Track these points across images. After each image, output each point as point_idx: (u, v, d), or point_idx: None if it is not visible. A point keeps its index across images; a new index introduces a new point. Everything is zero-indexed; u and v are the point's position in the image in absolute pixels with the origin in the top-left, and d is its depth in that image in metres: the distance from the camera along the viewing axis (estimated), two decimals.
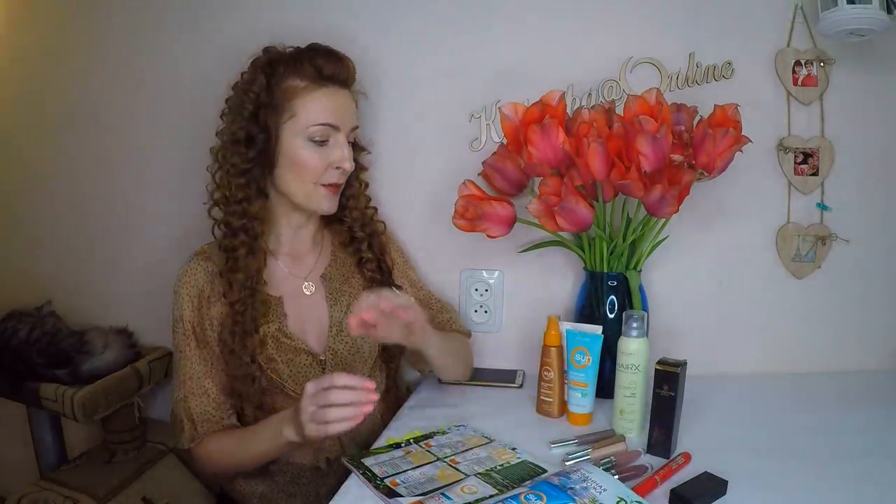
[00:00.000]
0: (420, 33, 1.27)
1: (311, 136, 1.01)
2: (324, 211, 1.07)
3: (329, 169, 1.04)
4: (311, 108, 1.01)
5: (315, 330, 1.09)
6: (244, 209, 1.03)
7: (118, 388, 1.27)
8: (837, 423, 1.03)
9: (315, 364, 1.06)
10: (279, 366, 1.04)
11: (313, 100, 1.02)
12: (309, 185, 1.04)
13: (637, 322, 0.98)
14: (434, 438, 0.98)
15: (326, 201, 1.06)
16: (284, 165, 1.03)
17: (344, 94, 1.06)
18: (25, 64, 1.45)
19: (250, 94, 1.02)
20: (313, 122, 1.01)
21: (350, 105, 1.07)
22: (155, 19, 1.35)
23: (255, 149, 1.02)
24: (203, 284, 1.05)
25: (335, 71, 1.03)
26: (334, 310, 1.10)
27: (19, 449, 1.44)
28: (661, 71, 1.21)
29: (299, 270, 1.12)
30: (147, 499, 1.23)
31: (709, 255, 1.26)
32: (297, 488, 1.09)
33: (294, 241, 1.12)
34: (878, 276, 1.25)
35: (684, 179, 1.01)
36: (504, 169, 1.13)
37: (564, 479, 0.77)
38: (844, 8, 1.04)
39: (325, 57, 1.03)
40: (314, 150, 1.02)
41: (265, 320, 1.04)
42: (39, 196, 1.48)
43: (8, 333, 1.27)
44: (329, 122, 1.02)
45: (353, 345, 1.09)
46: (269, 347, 1.03)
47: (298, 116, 1.01)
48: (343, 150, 1.04)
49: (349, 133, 1.06)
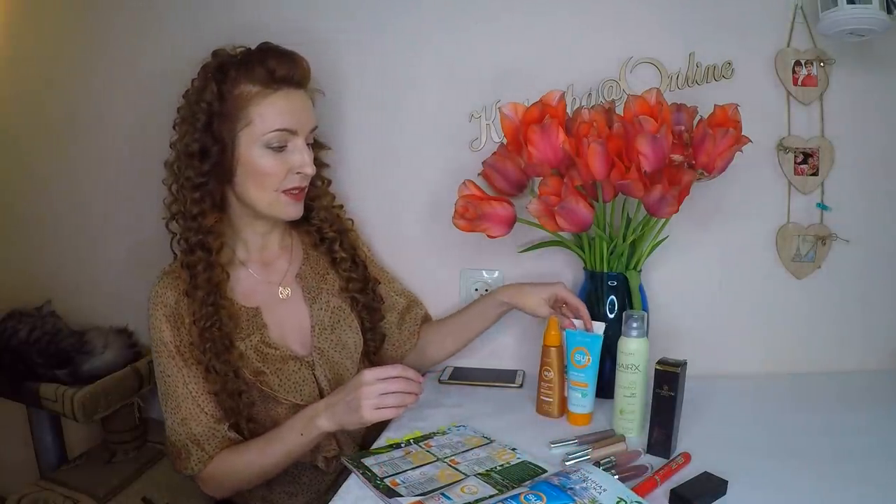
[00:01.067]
0: (420, 33, 1.26)
1: (268, 143, 0.98)
2: (289, 217, 1.05)
3: (289, 174, 1.00)
4: (266, 115, 0.97)
5: (297, 333, 1.08)
6: (199, 224, 1.00)
7: (118, 388, 1.27)
8: (838, 423, 1.02)
9: (304, 367, 1.05)
10: (268, 377, 1.02)
11: (268, 105, 0.98)
12: (270, 192, 1.00)
13: (637, 322, 0.98)
14: (434, 439, 0.98)
15: (290, 207, 1.03)
16: (243, 175, 1.00)
17: (300, 95, 1.02)
18: (25, 64, 1.45)
19: (202, 103, 0.98)
20: (270, 129, 0.97)
21: (307, 106, 1.04)
22: (156, 19, 1.35)
23: (210, 161, 0.99)
24: (174, 303, 1.01)
25: (288, 72, 0.99)
26: (314, 308, 1.09)
27: (19, 449, 1.44)
28: (661, 71, 1.21)
29: (272, 276, 1.10)
30: (147, 499, 1.23)
31: (709, 255, 1.26)
32: (298, 487, 1.09)
33: (263, 249, 1.10)
34: (879, 275, 1.25)
35: (684, 179, 1.01)
36: (504, 169, 1.13)
37: (564, 480, 0.77)
38: (844, 8, 1.04)
39: (278, 58, 0.99)
40: (273, 157, 0.99)
41: (244, 334, 1.03)
42: (40, 196, 1.48)
43: (8, 333, 1.27)
44: (286, 127, 0.98)
45: (337, 341, 1.09)
46: (255, 360, 1.02)
47: (254, 124, 0.97)
48: (303, 155, 1.00)
49: (308, 135, 1.03)
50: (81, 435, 1.45)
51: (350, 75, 1.28)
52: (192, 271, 1.00)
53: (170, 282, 1.02)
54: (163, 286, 1.02)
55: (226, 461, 0.99)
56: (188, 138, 0.99)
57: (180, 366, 1.00)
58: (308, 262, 1.14)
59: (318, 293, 1.11)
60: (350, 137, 1.29)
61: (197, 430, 0.99)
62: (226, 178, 1.01)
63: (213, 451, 0.99)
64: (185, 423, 0.99)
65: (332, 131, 1.24)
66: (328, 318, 1.10)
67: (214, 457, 0.99)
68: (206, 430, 0.99)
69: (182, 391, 1.00)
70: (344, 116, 1.29)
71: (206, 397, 1.00)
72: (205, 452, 0.99)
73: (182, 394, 1.00)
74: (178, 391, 1.00)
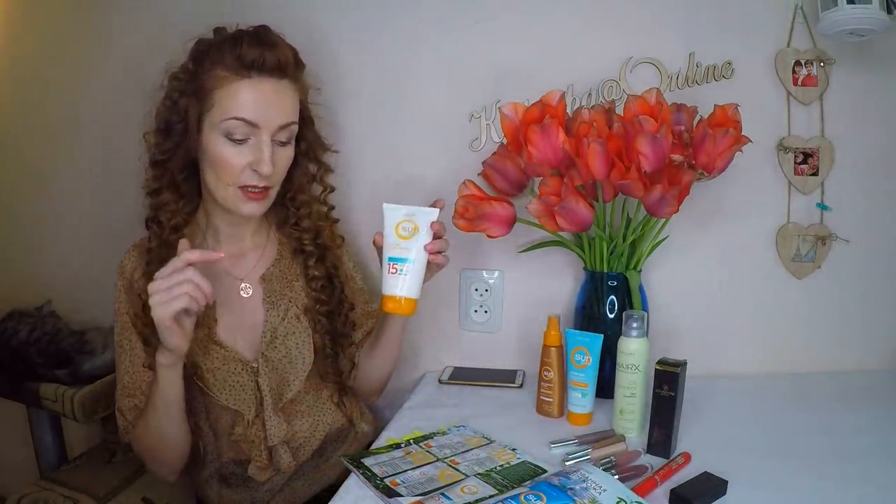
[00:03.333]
0: (419, 33, 1.26)
1: (226, 131, 0.92)
2: (244, 215, 0.98)
3: (246, 170, 0.94)
4: (227, 102, 0.91)
5: (248, 335, 1.03)
6: (154, 201, 0.98)
7: None
8: (838, 423, 1.03)
9: (246, 371, 1.01)
10: (204, 374, 0.99)
11: (231, 92, 0.91)
12: (227, 185, 0.95)
13: (637, 322, 0.98)
14: (434, 439, 0.98)
15: (245, 206, 0.96)
16: (204, 161, 0.96)
17: (273, 86, 0.93)
18: (25, 64, 1.45)
19: (175, 80, 0.95)
20: (228, 117, 0.91)
21: (282, 99, 0.95)
22: (157, 19, 1.35)
23: (172, 139, 0.95)
24: (130, 274, 1.00)
25: (258, 57, 0.91)
26: (271, 314, 1.04)
27: (19, 449, 1.44)
28: (661, 71, 1.21)
29: (238, 271, 1.05)
30: (147, 499, 1.23)
31: (709, 255, 1.26)
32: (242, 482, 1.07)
33: (232, 240, 1.05)
34: (879, 276, 1.25)
35: (684, 179, 1.01)
36: (504, 169, 1.13)
37: (564, 480, 0.77)
38: (844, 8, 1.04)
39: (250, 42, 0.92)
40: (230, 148, 0.93)
41: None
42: (40, 196, 1.48)
43: (8, 333, 1.27)
44: (245, 117, 0.91)
45: (286, 353, 1.04)
46: (196, 353, 0.98)
47: (214, 108, 0.92)
48: (262, 152, 0.93)
49: (277, 131, 0.94)
50: (81, 435, 1.45)
51: (350, 75, 1.28)
52: (147, 247, 0.98)
53: (135, 255, 1.02)
54: (127, 258, 1.02)
55: (138, 426, 0.97)
56: (159, 111, 0.96)
57: (131, 338, 0.99)
58: (278, 265, 1.08)
59: (279, 299, 1.05)
60: (349, 137, 1.29)
61: (126, 402, 0.99)
62: (190, 160, 0.97)
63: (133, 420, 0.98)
64: (121, 393, 0.99)
65: (332, 131, 1.24)
66: (282, 327, 1.04)
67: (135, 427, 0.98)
68: (131, 404, 0.99)
69: (126, 364, 0.99)
70: (343, 116, 1.28)
71: (144, 373, 0.98)
72: (127, 422, 0.99)
73: (125, 366, 0.99)
74: (123, 363, 0.99)
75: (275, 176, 0.97)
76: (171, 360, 0.89)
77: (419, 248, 0.94)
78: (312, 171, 1.08)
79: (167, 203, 0.98)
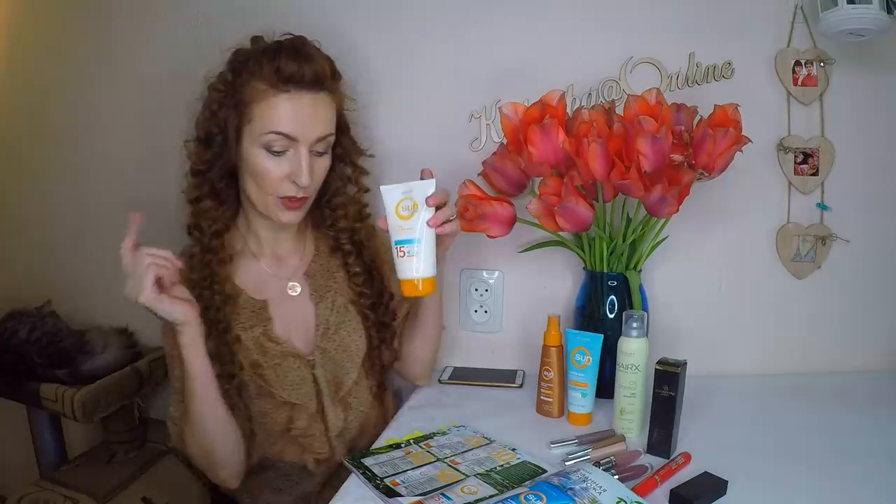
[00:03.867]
0: (420, 33, 1.26)
1: (266, 144, 0.94)
2: (283, 223, 1.02)
3: (286, 181, 0.97)
4: (266, 116, 0.94)
5: (301, 331, 1.07)
6: (194, 209, 1.01)
7: (118, 388, 1.27)
8: (838, 424, 1.03)
9: (304, 366, 1.04)
10: (265, 371, 1.01)
11: (269, 106, 0.93)
12: (267, 195, 0.98)
13: (637, 322, 0.98)
14: (434, 439, 0.98)
15: (284, 215, 1.00)
16: (245, 171, 0.98)
17: (312, 100, 0.95)
18: (25, 64, 1.45)
19: (215, 90, 0.98)
20: (267, 130, 0.94)
21: (320, 112, 0.97)
22: (157, 20, 1.35)
23: (212, 150, 0.98)
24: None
25: (297, 71, 0.93)
26: (320, 308, 1.08)
27: (19, 449, 1.44)
28: (661, 71, 1.21)
29: (283, 272, 1.09)
30: (147, 499, 1.23)
31: (709, 255, 1.26)
32: (286, 485, 1.09)
33: (275, 243, 1.09)
34: (878, 276, 1.25)
35: (684, 179, 1.01)
36: (504, 169, 1.13)
37: (564, 480, 0.77)
38: (844, 8, 1.04)
39: (289, 56, 0.93)
40: (270, 160, 0.95)
41: (248, 324, 1.02)
42: (40, 196, 1.48)
43: (8, 333, 1.27)
44: (284, 132, 0.94)
45: (340, 343, 1.07)
46: (254, 353, 1.01)
47: (255, 123, 0.95)
48: (300, 164, 0.95)
49: (315, 143, 0.97)
50: (81, 435, 1.45)
51: (350, 75, 1.28)
52: (189, 253, 1.01)
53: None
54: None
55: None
56: (199, 121, 0.99)
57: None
58: (318, 261, 1.11)
59: (325, 292, 1.09)
60: None
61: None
62: (229, 169, 1.00)
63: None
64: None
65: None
66: (333, 318, 1.08)
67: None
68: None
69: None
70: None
71: None
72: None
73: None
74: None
75: (312, 185, 0.99)
76: (190, 335, 0.90)
77: (422, 224, 0.92)
78: (348, 174, 1.10)
79: (207, 210, 1.01)
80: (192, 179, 1.01)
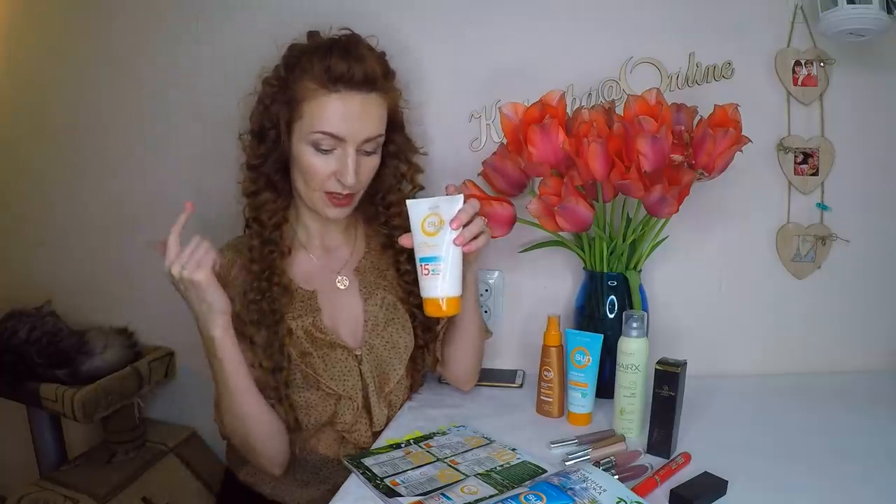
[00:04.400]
0: (420, 32, 1.26)
1: (314, 143, 0.96)
2: (329, 218, 1.03)
3: (332, 178, 0.98)
4: (316, 115, 0.95)
5: (349, 325, 1.07)
6: (252, 202, 1.04)
7: (118, 388, 1.27)
8: (838, 424, 1.03)
9: (351, 359, 1.04)
10: (314, 360, 1.01)
11: (319, 106, 0.95)
12: (313, 190, 1.00)
13: (637, 322, 0.98)
14: (434, 439, 0.98)
15: (330, 210, 1.01)
16: (294, 166, 1.01)
17: (361, 100, 0.96)
18: (25, 64, 1.45)
19: (268, 85, 1.00)
20: (315, 129, 0.95)
21: (369, 112, 0.98)
22: (156, 19, 1.35)
23: (266, 144, 1.01)
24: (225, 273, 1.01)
25: (347, 71, 0.94)
26: (369, 304, 1.08)
27: (19, 449, 1.44)
28: (661, 71, 1.21)
29: (333, 264, 1.10)
30: (147, 499, 1.23)
31: (709, 255, 1.26)
32: (313, 478, 1.08)
33: (325, 235, 1.10)
34: (878, 276, 1.25)
35: (684, 179, 1.01)
36: (504, 169, 1.13)
37: (564, 480, 0.77)
38: (844, 8, 1.04)
39: (339, 55, 0.95)
40: (317, 158, 0.97)
41: (298, 314, 1.03)
42: (40, 196, 1.48)
43: (8, 333, 1.27)
44: (332, 132, 0.95)
45: (389, 339, 1.07)
46: (304, 341, 1.02)
47: (304, 120, 0.96)
48: (346, 163, 0.96)
49: (363, 143, 0.98)
50: (81, 435, 1.45)
51: None
52: (249, 245, 1.03)
53: (229, 254, 1.04)
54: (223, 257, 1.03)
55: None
56: (253, 117, 1.02)
57: None
58: (369, 257, 1.12)
59: (374, 289, 1.09)
60: None
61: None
62: (283, 163, 1.02)
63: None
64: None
65: None
66: (382, 314, 1.08)
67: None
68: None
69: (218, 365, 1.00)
70: None
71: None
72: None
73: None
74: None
75: (358, 184, 1.00)
76: (227, 324, 0.94)
77: (448, 242, 0.90)
78: (402, 171, 1.10)
79: (266, 203, 1.03)
80: (248, 173, 1.03)
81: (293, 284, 1.05)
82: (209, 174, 1.30)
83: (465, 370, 1.16)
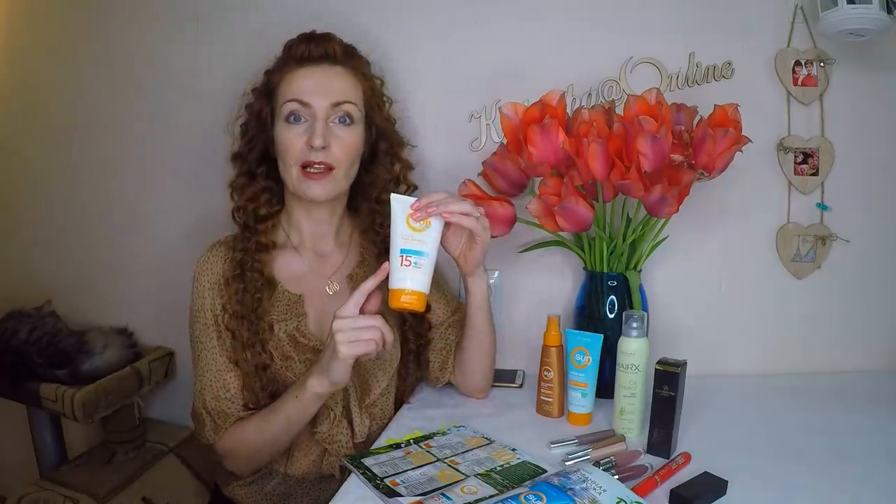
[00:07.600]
0: (420, 32, 1.26)
1: (285, 116, 1.01)
2: (311, 198, 1.02)
3: (304, 147, 0.99)
4: (285, 91, 1.02)
5: None
6: (237, 192, 1.06)
7: (118, 388, 1.27)
8: (837, 423, 1.03)
9: None
10: (296, 365, 1.01)
11: (286, 82, 1.02)
12: (290, 166, 1.01)
13: (637, 322, 0.98)
14: (434, 439, 0.98)
15: (309, 188, 1.00)
16: (276, 152, 1.04)
17: (324, 71, 1.03)
18: (25, 64, 1.45)
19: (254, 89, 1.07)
20: (283, 100, 1.01)
21: (332, 80, 1.02)
22: (155, 20, 1.35)
23: (248, 134, 1.06)
24: (222, 271, 1.02)
25: (307, 51, 1.03)
26: None
27: (19, 449, 1.44)
28: (661, 71, 1.21)
29: (324, 269, 1.09)
30: (147, 499, 1.23)
31: (709, 255, 1.26)
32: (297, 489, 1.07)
33: (315, 237, 1.10)
34: (878, 276, 1.25)
35: (684, 179, 1.01)
36: (504, 169, 1.13)
37: (564, 480, 0.77)
38: (844, 8, 1.04)
39: (300, 40, 1.04)
40: (291, 129, 1.00)
41: (282, 317, 1.03)
42: (39, 196, 1.48)
43: (8, 333, 1.27)
44: (297, 97, 1.00)
45: None
46: (286, 345, 1.02)
47: (278, 102, 1.03)
48: (314, 126, 0.99)
49: (331, 108, 1.00)
50: (81, 435, 1.45)
51: None
52: (234, 236, 1.05)
53: (222, 251, 1.04)
54: (213, 254, 1.04)
55: (237, 433, 1.00)
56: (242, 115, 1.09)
57: (212, 337, 1.01)
58: (363, 267, 1.11)
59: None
60: None
61: (212, 403, 1.00)
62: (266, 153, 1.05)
63: (225, 425, 0.99)
64: (203, 393, 1.00)
65: None
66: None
67: (227, 430, 0.99)
68: (221, 405, 1.00)
69: (209, 361, 1.00)
70: None
71: (231, 374, 1.00)
72: (217, 425, 1.00)
73: (208, 364, 1.00)
74: (206, 361, 1.01)
75: (332, 155, 1.00)
76: (326, 390, 0.93)
77: (434, 239, 0.91)
78: (396, 170, 1.13)
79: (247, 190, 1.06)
80: (232, 164, 1.08)
81: (276, 282, 1.04)
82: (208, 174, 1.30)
83: (477, 374, 1.14)
